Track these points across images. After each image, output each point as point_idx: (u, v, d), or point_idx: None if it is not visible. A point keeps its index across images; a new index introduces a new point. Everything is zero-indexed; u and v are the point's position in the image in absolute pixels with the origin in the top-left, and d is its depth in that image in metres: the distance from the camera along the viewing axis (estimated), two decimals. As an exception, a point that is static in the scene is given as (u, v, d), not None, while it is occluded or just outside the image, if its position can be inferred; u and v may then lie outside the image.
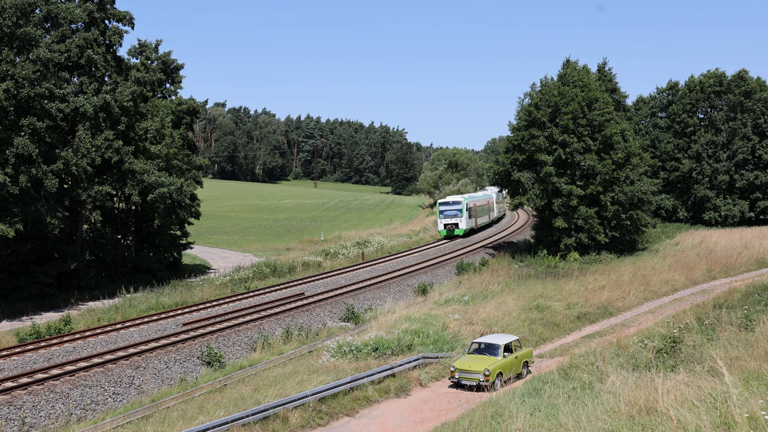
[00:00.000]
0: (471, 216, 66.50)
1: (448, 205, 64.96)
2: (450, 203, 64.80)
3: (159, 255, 49.82)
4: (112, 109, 40.30)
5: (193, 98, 57.14)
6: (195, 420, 18.66)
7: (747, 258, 48.20)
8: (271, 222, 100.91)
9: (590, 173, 49.37)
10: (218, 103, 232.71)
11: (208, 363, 25.43)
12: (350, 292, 37.73)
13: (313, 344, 27.64)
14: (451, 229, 64.35)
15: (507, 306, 33.45)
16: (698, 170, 71.10)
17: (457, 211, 64.18)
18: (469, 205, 66.59)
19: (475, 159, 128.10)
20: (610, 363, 20.74)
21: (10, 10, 34.31)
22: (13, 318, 34.38)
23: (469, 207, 66.36)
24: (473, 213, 67.85)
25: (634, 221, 51.62)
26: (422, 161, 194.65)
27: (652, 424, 12.78)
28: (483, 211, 73.96)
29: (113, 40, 42.93)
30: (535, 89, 54.34)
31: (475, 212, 68.89)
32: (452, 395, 22.20)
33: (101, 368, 23.30)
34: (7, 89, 33.89)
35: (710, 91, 72.37)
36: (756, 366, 16.01)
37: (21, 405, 20.08)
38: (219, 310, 33.34)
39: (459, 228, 64.10)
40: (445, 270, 46.81)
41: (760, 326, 21.31)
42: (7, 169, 33.55)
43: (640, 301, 37.05)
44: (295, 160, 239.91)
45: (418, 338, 26.98)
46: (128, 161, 41.34)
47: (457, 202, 64.51)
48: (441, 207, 65.38)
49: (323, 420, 19.89)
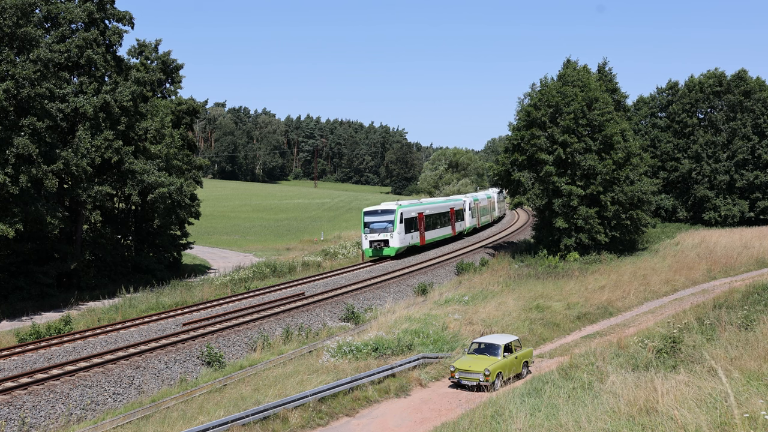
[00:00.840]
0: (413, 228, 51.46)
1: (376, 215, 49.29)
2: (378, 212, 49.36)
3: (159, 255, 49.82)
4: (112, 109, 40.30)
5: (193, 98, 57.18)
6: (195, 420, 18.66)
7: (747, 258, 48.20)
8: (271, 222, 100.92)
9: (590, 173, 49.37)
10: (218, 103, 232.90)
11: (208, 363, 25.43)
12: (350, 292, 37.72)
13: (313, 344, 27.63)
14: (379, 248, 48.82)
15: (507, 306, 33.44)
16: (698, 170, 71.11)
17: (388, 223, 48.54)
18: (409, 214, 50.80)
19: (475, 159, 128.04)
20: (610, 363, 20.75)
21: (11, 10, 34.31)
22: (13, 318, 34.38)
23: (409, 217, 50.65)
24: (417, 224, 52.51)
25: (634, 221, 51.63)
26: (422, 161, 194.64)
27: (652, 424, 12.79)
28: (443, 219, 58.77)
29: (113, 40, 42.94)
30: (535, 89, 54.34)
31: (422, 224, 53.33)
32: (452, 395, 22.20)
33: (101, 368, 23.29)
34: (8, 89, 33.89)
35: (710, 91, 72.37)
36: (756, 366, 16.01)
37: (21, 405, 20.07)
38: (219, 310, 33.33)
39: (390, 246, 48.51)
40: (445, 270, 46.80)
41: (760, 326, 21.31)
42: (7, 169, 33.55)
43: (640, 301, 37.05)
44: (295, 160, 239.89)
45: (418, 338, 26.98)
46: (128, 161, 41.34)
47: (387, 211, 48.94)
48: (367, 218, 49.34)
49: (323, 420, 19.89)
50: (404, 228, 49.50)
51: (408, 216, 50.42)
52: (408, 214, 50.45)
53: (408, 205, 51.88)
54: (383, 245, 48.69)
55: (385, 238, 48.49)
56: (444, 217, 58.62)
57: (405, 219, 49.74)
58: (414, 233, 51.54)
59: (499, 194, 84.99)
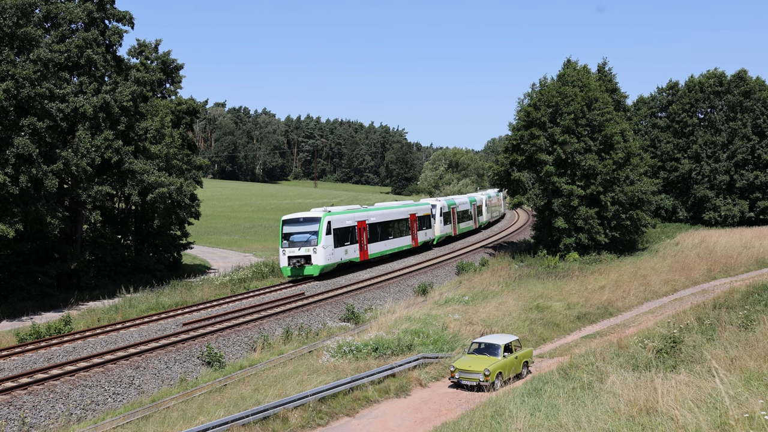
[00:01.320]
0: (348, 240, 42.35)
1: (297, 225, 40.18)
2: (300, 221, 40.25)
3: (159, 255, 49.82)
4: (112, 109, 40.30)
5: (193, 98, 57.17)
6: (195, 420, 18.66)
7: (747, 258, 48.21)
8: (271, 222, 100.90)
9: (590, 173, 49.38)
10: (218, 103, 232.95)
11: (208, 363, 25.43)
12: (350, 292, 37.72)
13: (313, 344, 27.63)
14: (299, 266, 39.51)
15: (507, 306, 33.45)
16: (698, 170, 71.12)
17: (311, 234, 39.46)
18: (342, 222, 41.53)
19: (475, 159, 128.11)
20: (610, 363, 20.74)
21: (11, 10, 34.32)
22: (13, 318, 34.38)
23: (342, 227, 41.48)
24: (356, 235, 43.47)
25: (634, 221, 51.64)
26: (422, 161, 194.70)
27: (652, 424, 12.78)
28: (400, 228, 49.95)
29: (113, 40, 42.93)
30: (535, 89, 54.37)
31: (363, 234, 44.23)
32: (452, 395, 22.20)
33: (101, 368, 23.29)
34: (8, 89, 33.89)
35: (710, 91, 72.39)
36: (756, 366, 16.00)
37: (21, 405, 20.07)
38: (219, 310, 33.33)
39: (312, 263, 39.43)
40: (445, 270, 46.81)
41: (760, 326, 21.29)
42: (7, 169, 33.55)
43: (640, 301, 37.06)
44: (295, 160, 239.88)
45: (418, 338, 26.99)
46: (128, 161, 41.33)
47: (311, 220, 39.96)
48: (286, 227, 40.35)
49: (323, 420, 19.90)
50: (334, 240, 40.24)
51: (340, 225, 41.25)
52: (340, 223, 41.32)
53: (342, 212, 42.94)
54: (304, 262, 39.35)
55: (307, 253, 39.25)
56: (401, 225, 50.11)
57: (335, 229, 40.51)
58: (350, 246, 42.47)
59: (491, 198, 79.63)
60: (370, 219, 45.36)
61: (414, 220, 52.65)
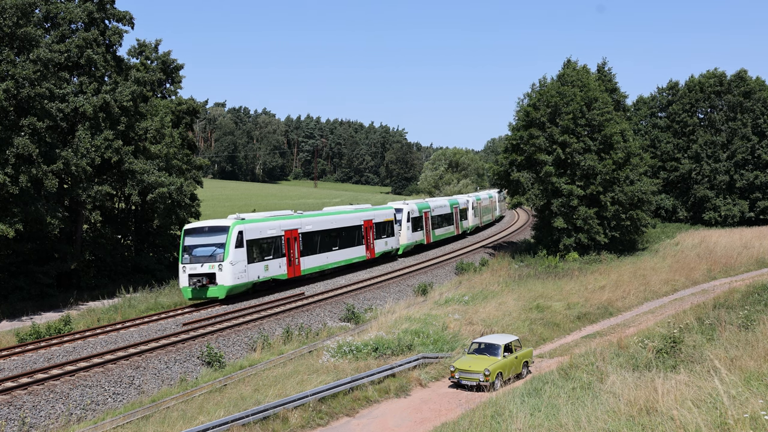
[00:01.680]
0: (271, 253, 35.56)
1: (201, 236, 33.46)
2: (205, 231, 33.53)
3: (159, 255, 49.81)
4: (112, 109, 40.29)
5: (193, 98, 57.13)
6: (195, 420, 18.67)
7: (747, 258, 48.24)
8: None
9: (590, 173, 49.40)
10: (218, 103, 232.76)
11: (208, 363, 25.43)
12: (350, 292, 37.74)
13: (313, 344, 27.64)
14: (200, 286, 32.46)
15: (507, 306, 33.46)
16: (698, 170, 71.14)
17: (216, 248, 32.73)
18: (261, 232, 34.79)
19: (475, 159, 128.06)
20: (610, 363, 20.75)
21: (11, 10, 34.32)
22: (13, 318, 34.37)
23: (258, 238, 34.43)
24: (282, 247, 36.54)
25: (634, 221, 51.65)
26: (422, 161, 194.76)
27: (652, 424, 12.79)
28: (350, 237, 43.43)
29: (113, 40, 42.92)
30: (535, 90, 54.41)
31: (295, 245, 37.48)
32: (452, 395, 22.21)
33: (101, 368, 23.30)
34: (7, 89, 33.89)
35: (710, 91, 72.42)
36: (756, 366, 16.01)
37: (21, 405, 20.08)
38: (219, 310, 33.32)
39: (217, 284, 32.50)
40: (445, 270, 46.82)
41: (760, 326, 21.32)
42: (7, 169, 33.55)
43: (640, 301, 37.08)
44: (295, 160, 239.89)
45: (418, 338, 27.00)
46: (128, 161, 41.33)
47: (217, 229, 33.24)
48: (188, 239, 33.51)
49: (323, 420, 19.90)
50: (247, 254, 33.51)
51: (257, 236, 34.35)
52: (257, 233, 34.35)
53: (262, 219, 36.01)
54: (207, 282, 32.40)
55: (210, 270, 32.32)
56: (351, 233, 43.60)
57: (250, 241, 33.66)
58: (273, 261, 35.66)
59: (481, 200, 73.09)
60: (304, 227, 38.58)
61: (369, 228, 45.73)
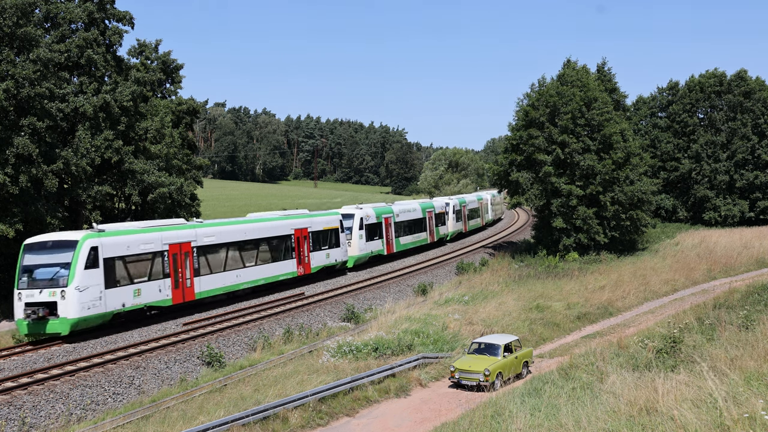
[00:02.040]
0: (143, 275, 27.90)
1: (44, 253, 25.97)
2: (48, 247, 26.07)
3: (159, 255, 49.77)
4: (112, 109, 40.28)
5: (193, 98, 57.15)
6: (195, 420, 18.67)
7: (747, 258, 48.24)
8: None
9: (590, 173, 49.39)
10: (218, 103, 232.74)
11: (208, 363, 25.43)
12: (350, 292, 37.74)
13: (313, 344, 27.64)
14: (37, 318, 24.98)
15: (507, 306, 33.47)
16: (698, 170, 71.13)
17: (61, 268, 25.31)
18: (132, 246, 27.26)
19: (475, 159, 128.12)
20: (610, 363, 20.76)
21: (11, 10, 34.31)
22: (13, 318, 34.31)
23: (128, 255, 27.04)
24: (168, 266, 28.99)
25: (633, 221, 51.64)
26: (422, 161, 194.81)
27: (652, 424, 12.79)
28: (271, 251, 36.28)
29: (113, 40, 42.91)
30: (534, 90, 54.41)
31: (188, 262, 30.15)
32: (452, 395, 22.21)
33: (101, 368, 23.30)
34: (7, 89, 33.89)
35: (710, 91, 72.41)
36: (756, 366, 16.01)
37: (21, 405, 20.08)
38: (219, 310, 33.32)
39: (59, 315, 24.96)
40: (445, 270, 46.82)
41: (760, 326, 21.32)
42: (7, 169, 33.55)
43: (640, 301, 37.08)
44: (295, 160, 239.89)
45: (418, 338, 27.00)
46: (128, 161, 41.32)
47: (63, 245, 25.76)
48: (28, 257, 26.05)
49: (323, 420, 19.91)
50: (105, 276, 25.96)
51: (120, 253, 26.76)
52: (122, 248, 26.87)
53: (132, 231, 28.08)
54: (47, 313, 25.01)
55: (51, 299, 24.99)
56: (274, 245, 36.59)
57: (108, 259, 26.12)
58: (149, 284, 28.10)
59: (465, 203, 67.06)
60: (200, 240, 30.99)
61: (303, 237, 38.79)
